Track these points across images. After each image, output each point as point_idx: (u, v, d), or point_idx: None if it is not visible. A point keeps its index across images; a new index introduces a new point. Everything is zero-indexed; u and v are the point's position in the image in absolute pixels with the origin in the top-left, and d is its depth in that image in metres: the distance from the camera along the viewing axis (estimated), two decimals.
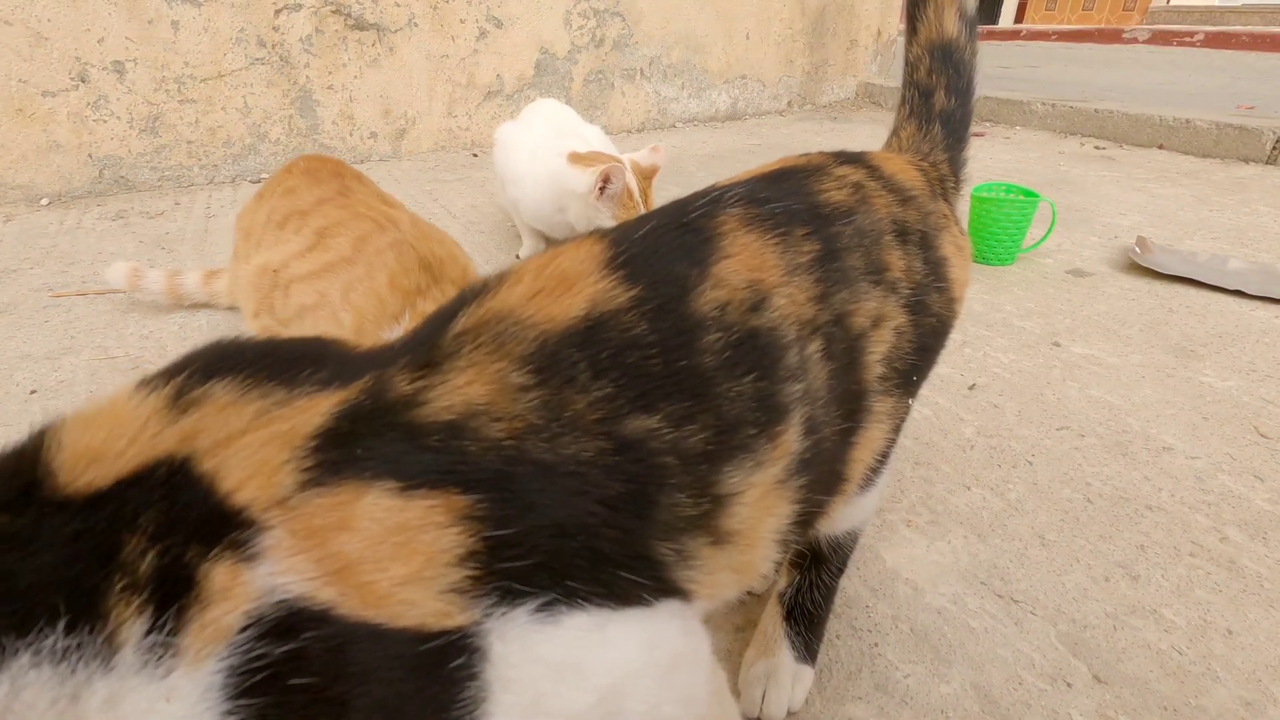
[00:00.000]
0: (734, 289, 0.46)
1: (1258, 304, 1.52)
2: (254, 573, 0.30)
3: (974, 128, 0.75)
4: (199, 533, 0.31)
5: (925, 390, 1.22)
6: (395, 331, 0.92)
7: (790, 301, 0.48)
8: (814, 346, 0.49)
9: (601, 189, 1.51)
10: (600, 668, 0.38)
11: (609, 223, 1.54)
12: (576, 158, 1.58)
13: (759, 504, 0.45)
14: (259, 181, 2.56)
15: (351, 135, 2.75)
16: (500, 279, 0.46)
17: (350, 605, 0.31)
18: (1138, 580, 0.83)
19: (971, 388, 1.23)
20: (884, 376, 0.55)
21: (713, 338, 0.44)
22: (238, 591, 0.30)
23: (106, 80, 2.26)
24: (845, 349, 0.51)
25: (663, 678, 0.42)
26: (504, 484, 0.37)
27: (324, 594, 0.31)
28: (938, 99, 0.70)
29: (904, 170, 0.64)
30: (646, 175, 1.60)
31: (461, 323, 0.42)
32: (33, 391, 1.23)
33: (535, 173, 1.65)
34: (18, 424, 1.14)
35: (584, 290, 0.43)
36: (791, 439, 0.47)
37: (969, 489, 0.98)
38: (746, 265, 0.48)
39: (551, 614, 0.36)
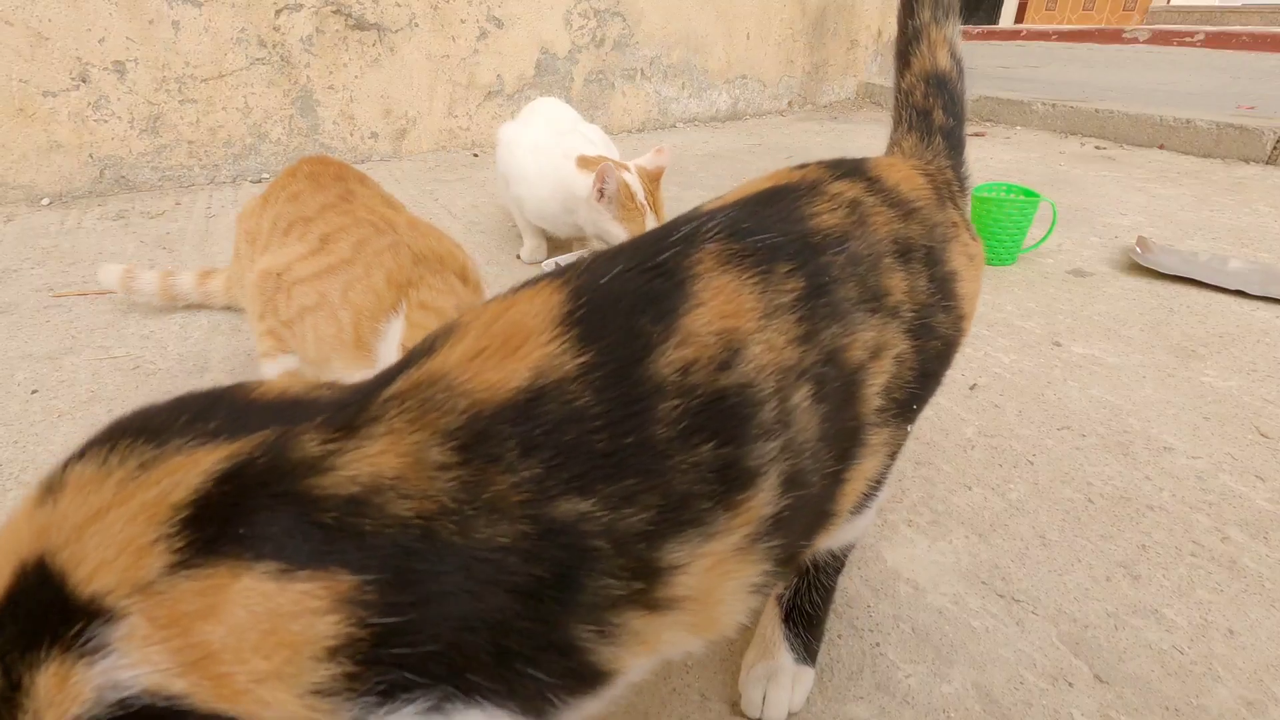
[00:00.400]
0: (702, 344, 0.43)
1: (1259, 304, 1.52)
2: (92, 670, 0.28)
3: (974, 127, 0.76)
4: (33, 637, 0.29)
5: None
6: (392, 323, 0.92)
7: (767, 349, 0.44)
8: (800, 394, 0.45)
9: (600, 192, 1.51)
10: None
11: (612, 225, 1.54)
12: (585, 161, 1.58)
13: (712, 572, 0.42)
14: (260, 182, 2.56)
15: (352, 135, 2.75)
16: (447, 334, 0.43)
17: (204, 697, 0.29)
18: (1139, 580, 0.83)
19: (973, 388, 1.23)
20: (882, 408, 0.52)
21: (669, 405, 0.41)
22: (65, 696, 0.28)
23: (107, 80, 2.26)
24: (840, 387, 0.48)
25: None
26: (402, 567, 0.34)
27: (176, 686, 0.29)
28: (936, 116, 0.71)
29: (908, 179, 0.61)
30: (653, 178, 1.60)
31: (397, 385, 0.39)
32: (34, 391, 1.23)
33: (541, 171, 1.65)
34: (19, 424, 1.14)
35: (530, 354, 0.40)
36: (760, 503, 0.43)
37: (970, 489, 0.98)
38: (719, 313, 0.44)
39: (444, 713, 0.34)
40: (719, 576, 0.43)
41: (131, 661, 0.29)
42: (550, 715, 0.40)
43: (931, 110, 0.71)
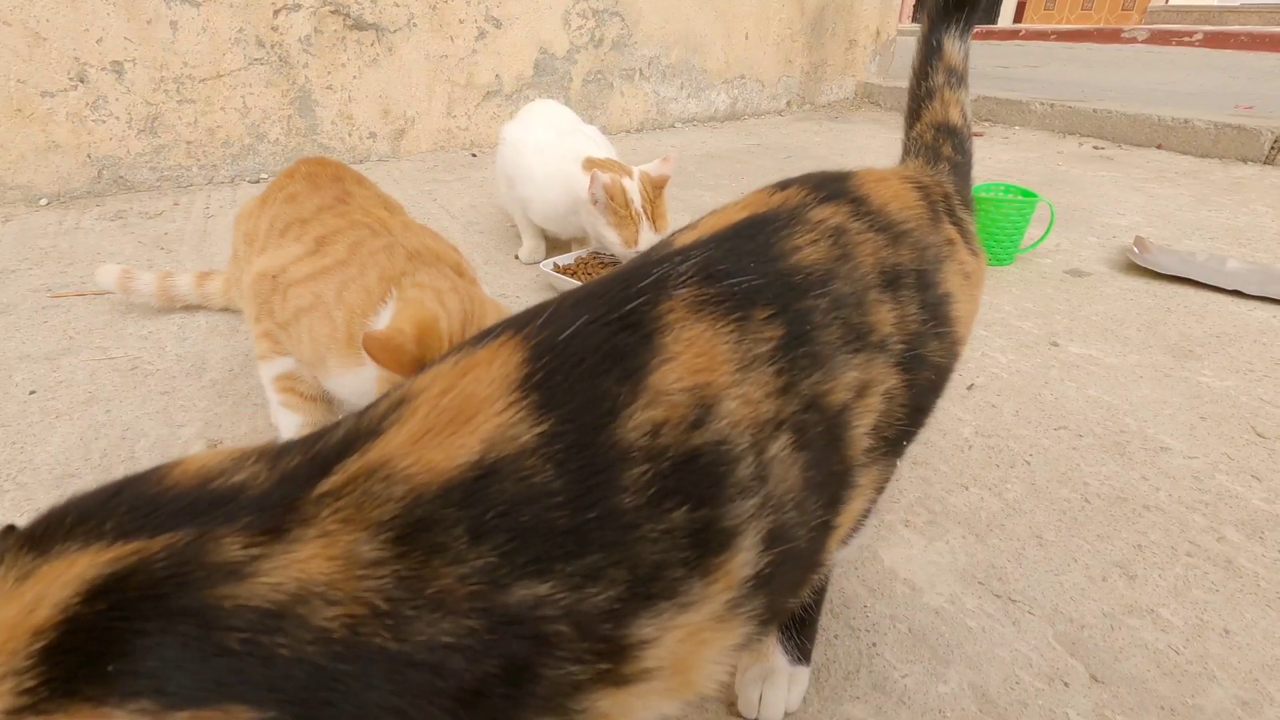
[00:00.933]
0: (672, 404, 0.40)
1: (1256, 304, 1.52)
2: None
3: (973, 127, 0.76)
4: None
5: None
6: (381, 314, 0.91)
7: (743, 402, 0.42)
8: (778, 445, 0.43)
9: (594, 196, 1.51)
10: None
11: (606, 230, 1.53)
12: (592, 164, 1.57)
13: (687, 641, 0.40)
14: (259, 182, 2.56)
15: (350, 135, 2.74)
16: (396, 407, 0.39)
17: None
18: (1135, 580, 0.83)
19: (970, 388, 1.23)
20: (871, 448, 0.49)
21: (637, 472, 0.38)
22: None
23: (105, 80, 2.26)
24: (823, 432, 0.45)
25: None
26: (317, 696, 0.30)
27: None
28: (944, 151, 0.71)
29: (898, 196, 0.58)
30: (657, 185, 1.59)
31: (332, 479, 0.35)
32: (31, 392, 1.23)
33: (549, 173, 1.65)
34: (16, 425, 1.14)
35: (482, 426, 0.37)
36: (738, 565, 0.41)
37: (967, 489, 0.98)
38: (691, 368, 0.41)
39: None
40: (695, 645, 0.40)
41: None
42: None
43: (940, 147, 0.71)
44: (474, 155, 2.95)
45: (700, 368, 0.41)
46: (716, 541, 0.40)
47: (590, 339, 0.41)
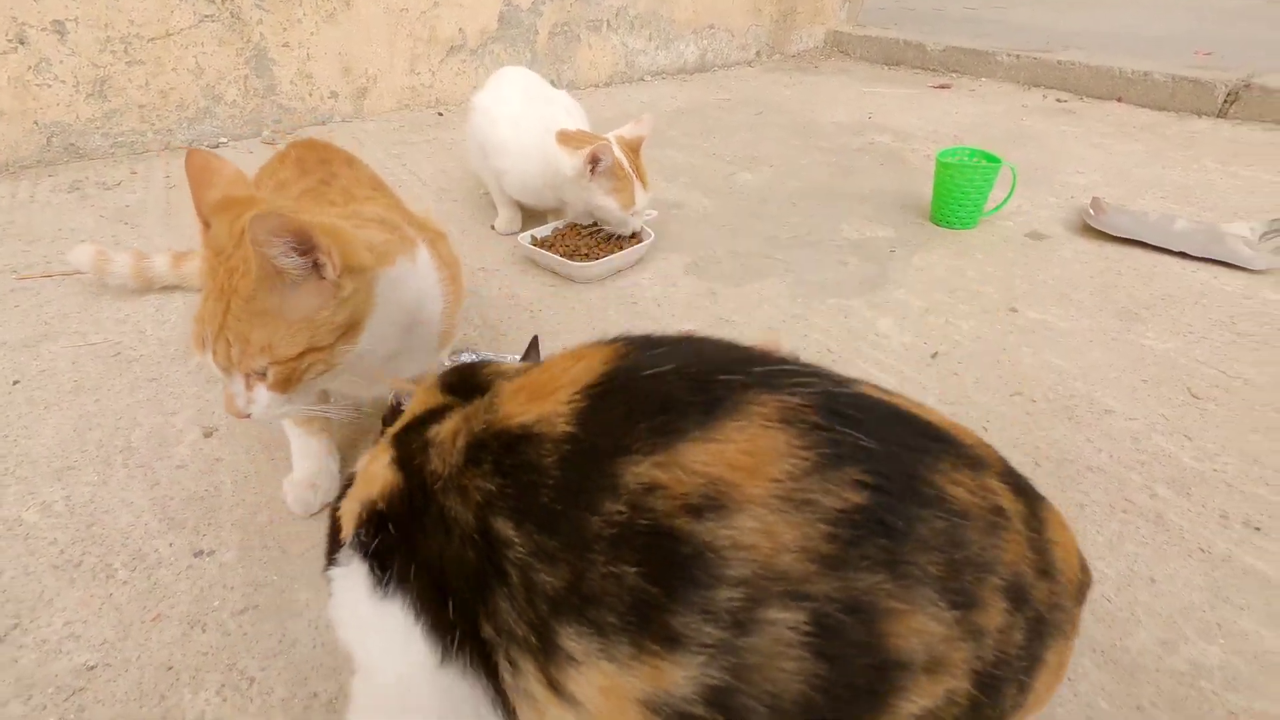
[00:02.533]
0: (679, 478, 0.38)
1: (1199, 265, 1.61)
2: None
3: (941, 79, 0.79)
4: None
5: (891, 359, 1.30)
6: None
7: (764, 533, 0.36)
8: (784, 618, 0.36)
9: (592, 169, 1.51)
10: None
11: (605, 199, 1.54)
12: (565, 137, 1.57)
13: (610, 699, 0.39)
14: (218, 146, 2.48)
15: (311, 95, 2.66)
16: (534, 367, 0.53)
17: None
18: (1077, 536, 0.92)
19: (934, 356, 1.30)
20: None
21: (614, 509, 0.39)
22: None
23: (47, 41, 2.14)
24: (858, 659, 0.36)
25: None
26: None
27: None
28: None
29: (1067, 554, 0.49)
30: (633, 147, 1.60)
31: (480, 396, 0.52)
32: (15, 382, 1.23)
33: (522, 144, 1.63)
34: (4, 416, 1.14)
35: (546, 403, 0.47)
36: (672, 680, 0.37)
37: None
38: (727, 460, 0.38)
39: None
40: (618, 713, 0.39)
41: None
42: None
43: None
44: (440, 114, 2.88)
45: (738, 466, 0.38)
46: (658, 631, 0.37)
47: (663, 383, 0.43)
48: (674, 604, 0.37)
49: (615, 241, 1.63)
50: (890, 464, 0.39)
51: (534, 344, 0.80)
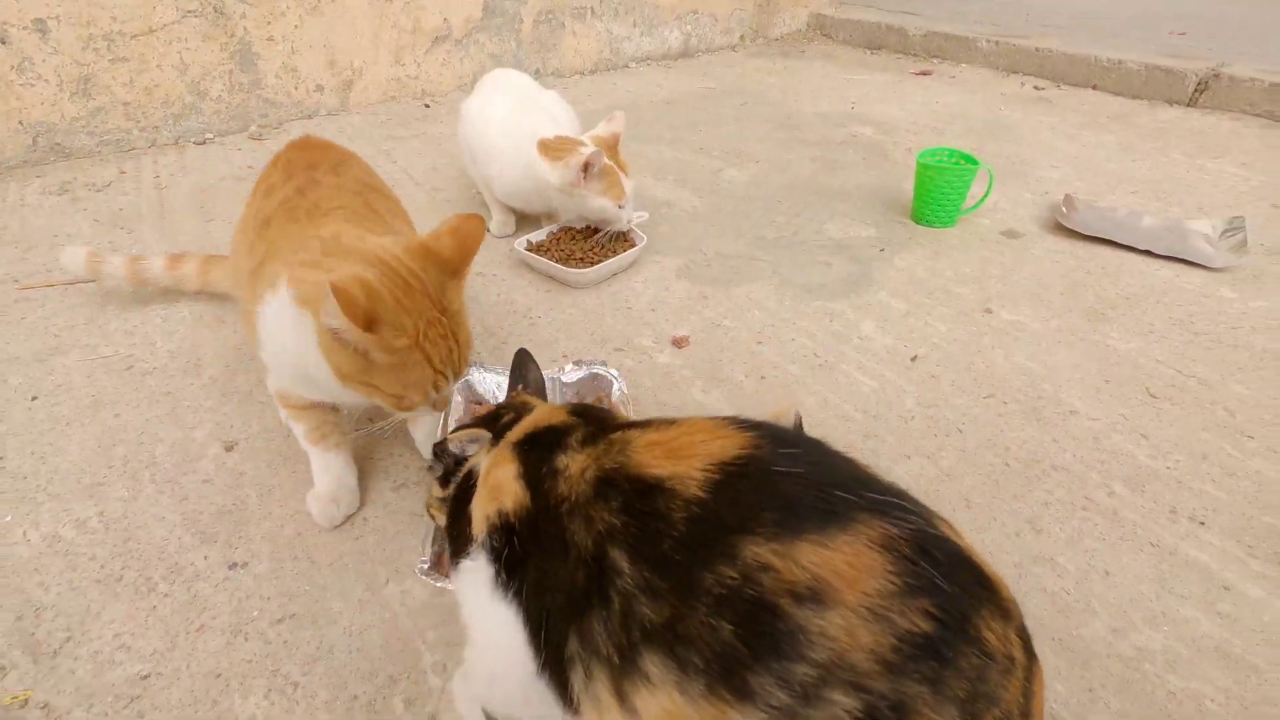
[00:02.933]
0: (790, 568, 0.45)
1: (1163, 263, 1.70)
2: None
3: (921, 65, 0.82)
4: None
5: (873, 363, 1.38)
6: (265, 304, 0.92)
7: (847, 632, 0.43)
8: (845, 700, 0.43)
9: (584, 175, 1.56)
10: None
11: (599, 200, 1.59)
12: (545, 147, 1.60)
13: None
14: (204, 143, 2.47)
15: (297, 89, 2.65)
16: (667, 421, 0.61)
17: None
18: (1040, 533, 1.01)
19: (914, 359, 1.38)
20: None
21: (727, 572, 0.46)
22: None
23: (29, 40, 2.12)
24: None
25: None
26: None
27: None
28: None
29: (1040, 706, 0.55)
30: (610, 145, 1.64)
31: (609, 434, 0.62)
32: (34, 398, 1.27)
33: (510, 153, 1.66)
34: (28, 434, 1.19)
35: (680, 464, 0.53)
36: (735, 716, 0.45)
37: (909, 458, 1.15)
38: (833, 567, 0.45)
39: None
40: None
41: None
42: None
43: None
44: (427, 106, 2.89)
45: (840, 574, 0.45)
46: (735, 683, 0.45)
47: (791, 484, 0.50)
48: (757, 664, 0.44)
49: (608, 244, 1.68)
50: (953, 604, 0.46)
51: (519, 358, 0.90)
